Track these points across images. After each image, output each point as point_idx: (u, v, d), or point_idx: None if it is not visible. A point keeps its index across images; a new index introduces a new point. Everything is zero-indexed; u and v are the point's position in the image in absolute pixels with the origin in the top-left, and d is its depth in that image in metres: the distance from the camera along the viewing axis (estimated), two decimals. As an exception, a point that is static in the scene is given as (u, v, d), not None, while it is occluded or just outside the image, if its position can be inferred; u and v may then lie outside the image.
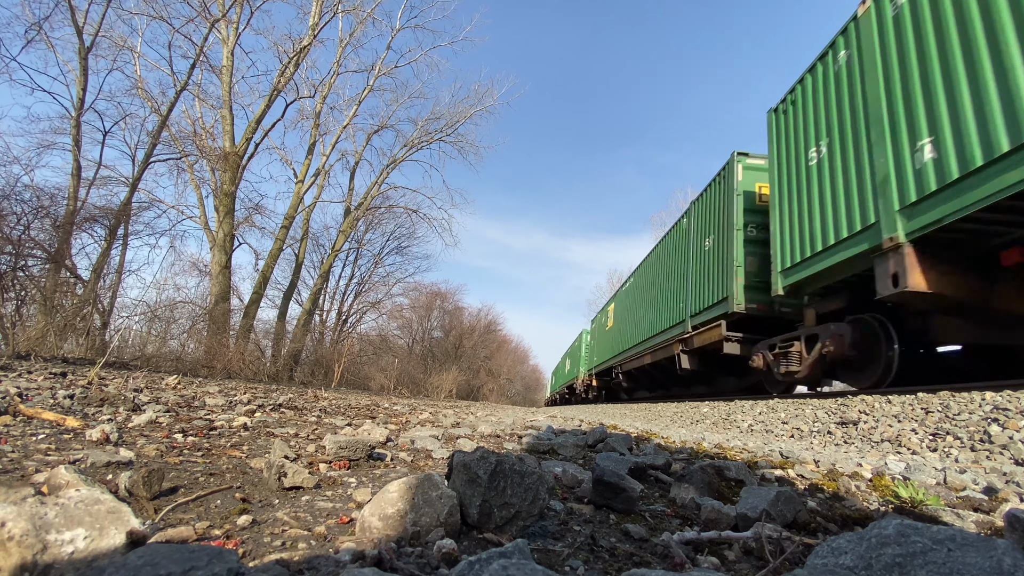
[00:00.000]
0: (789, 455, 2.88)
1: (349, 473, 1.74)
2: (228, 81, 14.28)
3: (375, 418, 4.05)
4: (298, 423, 3.11)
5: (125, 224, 13.38)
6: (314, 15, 15.51)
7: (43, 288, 9.00)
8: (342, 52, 17.37)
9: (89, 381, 3.82)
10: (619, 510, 1.46)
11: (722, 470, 1.95)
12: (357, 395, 10.90)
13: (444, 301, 38.94)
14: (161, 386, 4.58)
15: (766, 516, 1.26)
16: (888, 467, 2.52)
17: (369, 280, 27.70)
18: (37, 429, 1.92)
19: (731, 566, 1.09)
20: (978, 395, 3.89)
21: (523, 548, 0.87)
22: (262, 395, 5.35)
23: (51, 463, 1.44)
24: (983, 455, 2.93)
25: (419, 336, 36.84)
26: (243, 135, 14.71)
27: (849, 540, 0.82)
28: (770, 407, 6.10)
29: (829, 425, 4.45)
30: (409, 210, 21.96)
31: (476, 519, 1.16)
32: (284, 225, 16.86)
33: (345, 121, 18.70)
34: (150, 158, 12.79)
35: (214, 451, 1.87)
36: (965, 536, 0.74)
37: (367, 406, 5.74)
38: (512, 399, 54.55)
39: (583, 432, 3.66)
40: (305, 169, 17.59)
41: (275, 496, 1.38)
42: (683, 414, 7.88)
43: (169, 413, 2.69)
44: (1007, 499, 1.85)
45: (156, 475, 1.25)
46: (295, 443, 2.26)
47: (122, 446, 1.76)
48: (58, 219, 9.99)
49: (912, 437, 3.51)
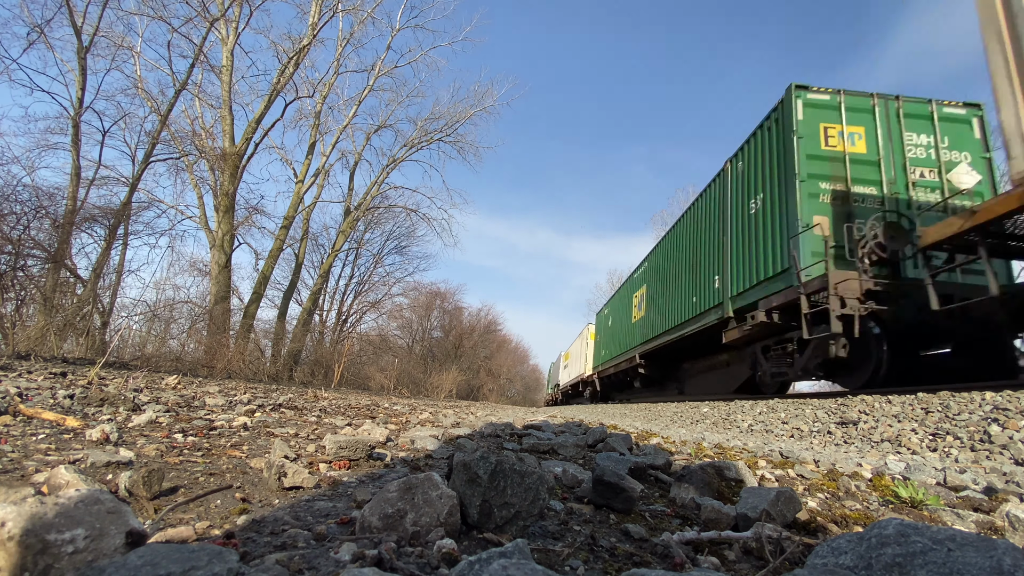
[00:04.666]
0: (789, 455, 2.88)
1: (349, 473, 1.74)
2: (228, 81, 14.27)
3: (375, 418, 4.05)
4: (298, 423, 3.11)
5: (125, 224, 13.37)
6: (314, 15, 15.49)
7: (43, 288, 8.99)
8: (342, 52, 17.36)
9: (89, 381, 3.82)
10: (619, 510, 1.46)
11: (722, 470, 1.95)
12: (357, 395, 10.90)
13: (444, 301, 38.97)
14: (161, 386, 4.58)
15: (766, 516, 1.26)
16: (888, 467, 2.52)
17: (369, 280, 27.71)
18: (37, 429, 1.92)
19: (731, 566, 1.09)
20: (978, 395, 3.89)
21: (523, 548, 0.87)
22: (262, 395, 5.34)
23: (51, 463, 1.44)
24: (983, 455, 2.93)
25: (419, 336, 36.84)
26: (243, 135, 14.70)
27: (849, 540, 0.82)
28: (770, 407, 6.10)
29: (829, 425, 4.45)
30: (409, 210, 21.97)
31: (476, 519, 1.16)
32: (284, 225, 16.85)
33: (345, 121, 18.69)
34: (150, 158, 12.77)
35: (214, 451, 1.87)
36: (965, 536, 0.74)
37: (367, 406, 5.74)
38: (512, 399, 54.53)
39: (583, 432, 3.66)
40: (305, 169, 17.58)
41: (275, 496, 1.38)
42: (683, 414, 7.87)
43: (169, 413, 2.69)
44: (1007, 499, 1.85)
45: (156, 475, 1.25)
46: (295, 443, 2.26)
47: (122, 446, 1.76)
48: (58, 219, 9.97)
49: (912, 437, 3.51)
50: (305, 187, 17.58)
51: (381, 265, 27.29)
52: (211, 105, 15.38)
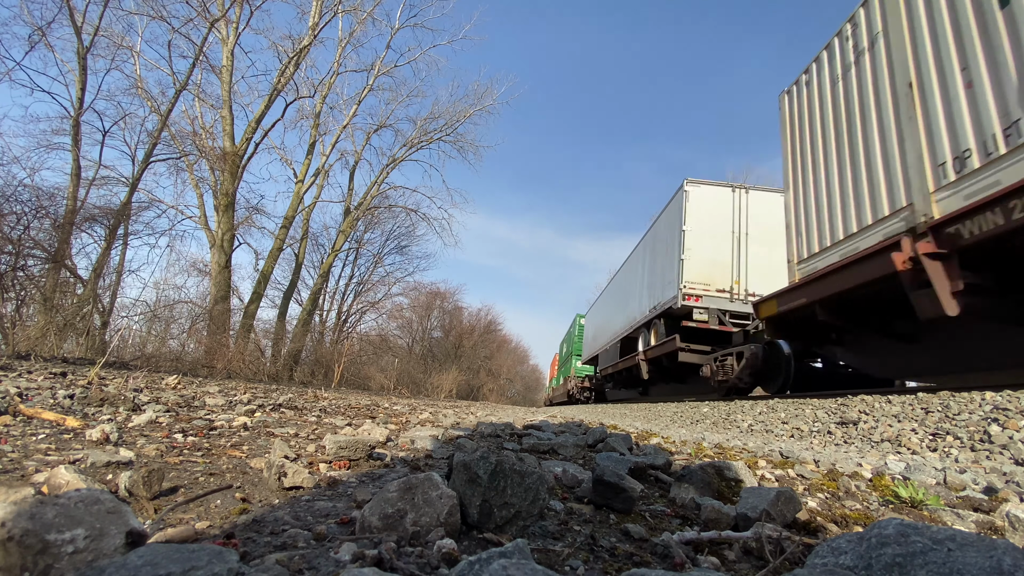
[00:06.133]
0: (789, 455, 2.88)
1: (349, 473, 1.74)
2: (228, 81, 14.28)
3: (375, 418, 4.05)
4: (298, 423, 3.11)
5: (125, 224, 13.37)
6: (314, 15, 15.50)
7: (43, 288, 9.00)
8: (342, 52, 17.38)
9: (89, 381, 3.82)
10: (619, 510, 1.46)
11: (722, 470, 1.95)
12: (357, 395, 10.90)
13: (444, 301, 38.97)
14: (161, 386, 4.58)
15: (766, 516, 1.26)
16: (888, 467, 2.52)
17: (369, 280, 27.72)
18: (37, 429, 1.92)
19: (731, 566, 1.09)
20: (978, 395, 3.89)
21: (523, 548, 0.87)
22: (262, 395, 5.34)
23: (51, 463, 1.44)
24: (983, 455, 2.92)
25: (419, 336, 36.84)
26: (243, 135, 14.72)
27: (849, 540, 0.82)
28: (770, 407, 6.11)
29: (829, 425, 4.45)
30: (409, 210, 21.98)
31: (476, 519, 1.16)
32: (284, 225, 16.86)
33: (345, 121, 18.70)
34: (150, 158, 12.78)
35: (214, 451, 1.87)
36: (965, 536, 0.74)
37: (367, 406, 5.74)
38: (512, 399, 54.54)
39: (583, 432, 3.66)
40: (305, 169, 17.59)
41: (275, 496, 1.38)
42: (683, 414, 7.88)
43: (169, 413, 2.69)
44: (1007, 499, 1.85)
45: (156, 475, 1.25)
46: (295, 443, 2.26)
47: (122, 446, 1.76)
48: (58, 219, 9.98)
49: (912, 437, 3.51)
50: (305, 187, 17.59)
51: (381, 265, 27.31)
52: (211, 105, 15.40)
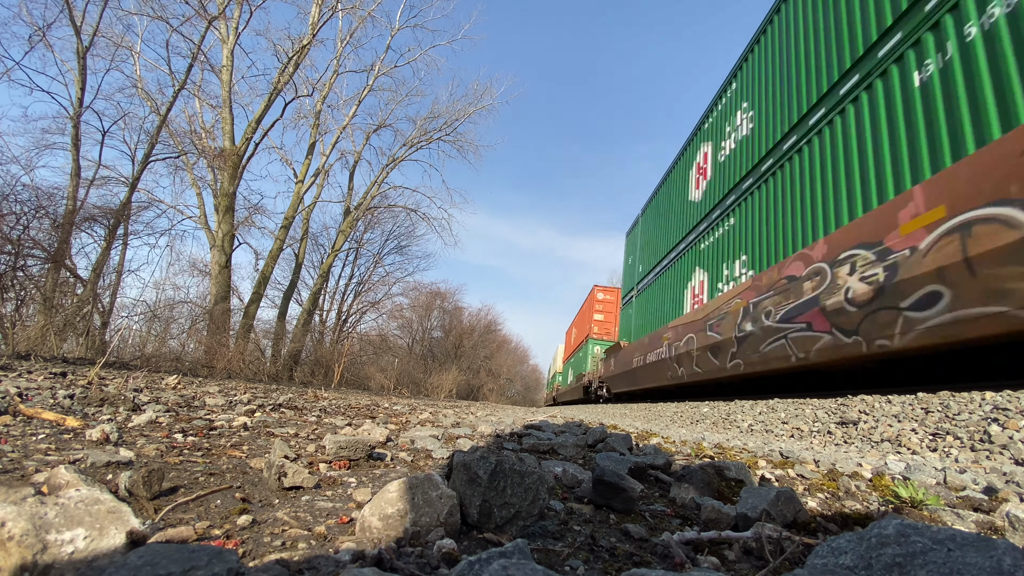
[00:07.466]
0: (789, 455, 2.88)
1: (349, 473, 1.74)
2: (228, 80, 14.26)
3: (375, 418, 4.05)
4: (298, 423, 3.11)
5: (125, 224, 13.37)
6: (314, 14, 15.49)
7: (43, 288, 8.99)
8: (341, 51, 17.35)
9: (89, 381, 3.82)
10: (619, 510, 1.46)
11: (722, 470, 1.95)
12: (357, 395, 10.90)
13: (444, 301, 38.95)
14: (161, 386, 4.58)
15: (766, 516, 1.26)
16: (888, 467, 2.52)
17: (369, 280, 27.70)
18: (37, 429, 1.92)
19: (731, 566, 1.09)
20: (978, 395, 3.89)
21: (523, 548, 0.87)
22: (262, 395, 5.34)
23: (51, 463, 1.44)
24: (983, 455, 2.93)
25: (419, 336, 36.83)
26: (243, 134, 14.69)
27: (849, 540, 0.82)
28: (770, 407, 6.10)
29: (829, 425, 4.45)
30: (408, 209, 21.94)
31: (476, 519, 1.16)
32: (284, 225, 16.84)
33: (345, 121, 18.68)
34: (149, 158, 12.76)
35: (214, 451, 1.87)
36: (965, 536, 0.74)
37: (367, 406, 5.74)
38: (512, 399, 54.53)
39: (583, 432, 3.66)
40: (305, 169, 17.57)
41: (275, 496, 1.38)
42: (683, 414, 7.87)
43: (169, 413, 2.69)
44: (1007, 499, 1.85)
45: (156, 475, 1.25)
46: (295, 443, 2.26)
47: (122, 446, 1.76)
48: (58, 219, 9.97)
49: (912, 437, 3.51)
50: (305, 187, 17.58)
51: (381, 265, 27.28)
52: (211, 105, 15.39)
